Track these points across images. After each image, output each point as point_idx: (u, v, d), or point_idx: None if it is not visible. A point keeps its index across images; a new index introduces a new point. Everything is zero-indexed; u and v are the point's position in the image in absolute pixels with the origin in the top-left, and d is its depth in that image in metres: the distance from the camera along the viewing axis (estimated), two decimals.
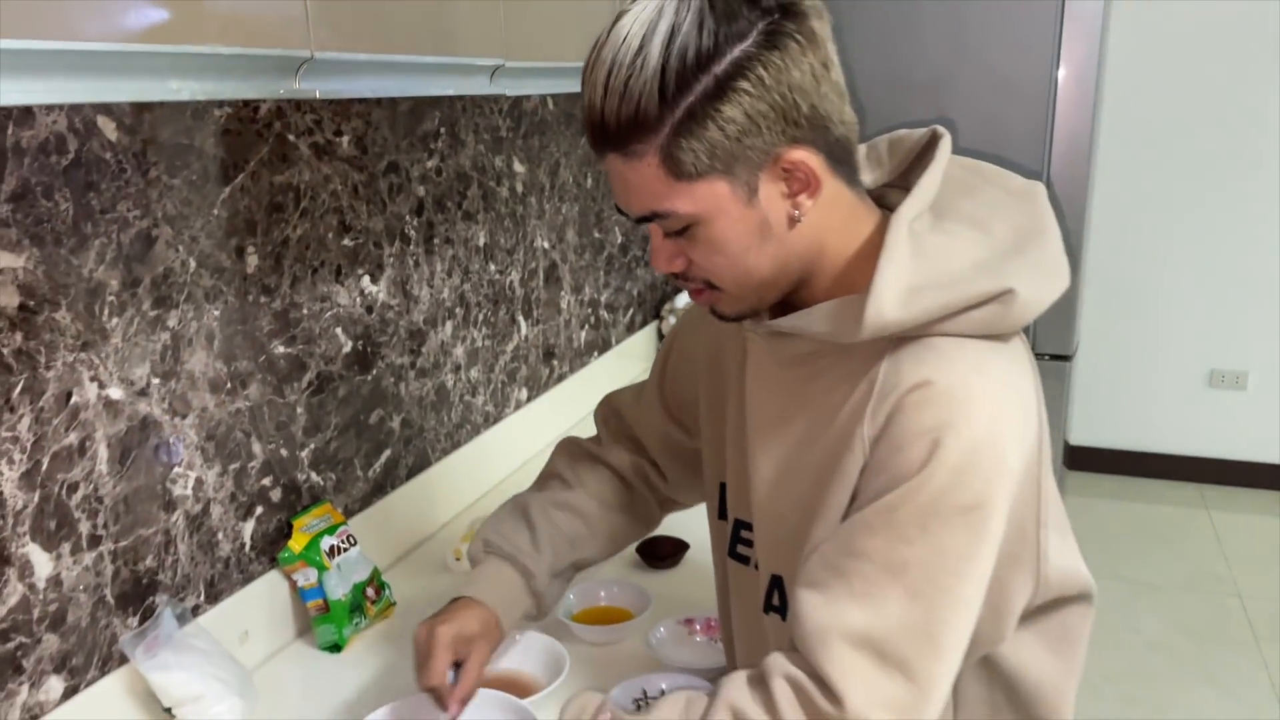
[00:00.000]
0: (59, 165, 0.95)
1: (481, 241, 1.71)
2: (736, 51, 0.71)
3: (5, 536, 0.93)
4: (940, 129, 0.88)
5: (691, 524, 1.36)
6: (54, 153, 0.95)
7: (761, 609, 0.91)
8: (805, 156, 0.75)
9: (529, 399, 1.91)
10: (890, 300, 0.76)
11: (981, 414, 0.75)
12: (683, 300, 2.48)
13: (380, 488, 1.48)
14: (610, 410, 1.16)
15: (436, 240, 1.58)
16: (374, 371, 1.45)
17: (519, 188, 1.82)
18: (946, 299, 0.76)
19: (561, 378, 2.04)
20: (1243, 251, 3.73)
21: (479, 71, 1.06)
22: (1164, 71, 3.66)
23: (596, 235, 2.17)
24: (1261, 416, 3.86)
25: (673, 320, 2.48)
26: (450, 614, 0.99)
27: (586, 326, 2.15)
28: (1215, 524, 3.63)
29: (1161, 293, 3.86)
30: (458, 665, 0.98)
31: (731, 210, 0.75)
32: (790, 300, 0.85)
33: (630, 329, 2.40)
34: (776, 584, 0.89)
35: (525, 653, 1.17)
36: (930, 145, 0.87)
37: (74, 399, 0.99)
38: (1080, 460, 4.07)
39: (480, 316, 1.72)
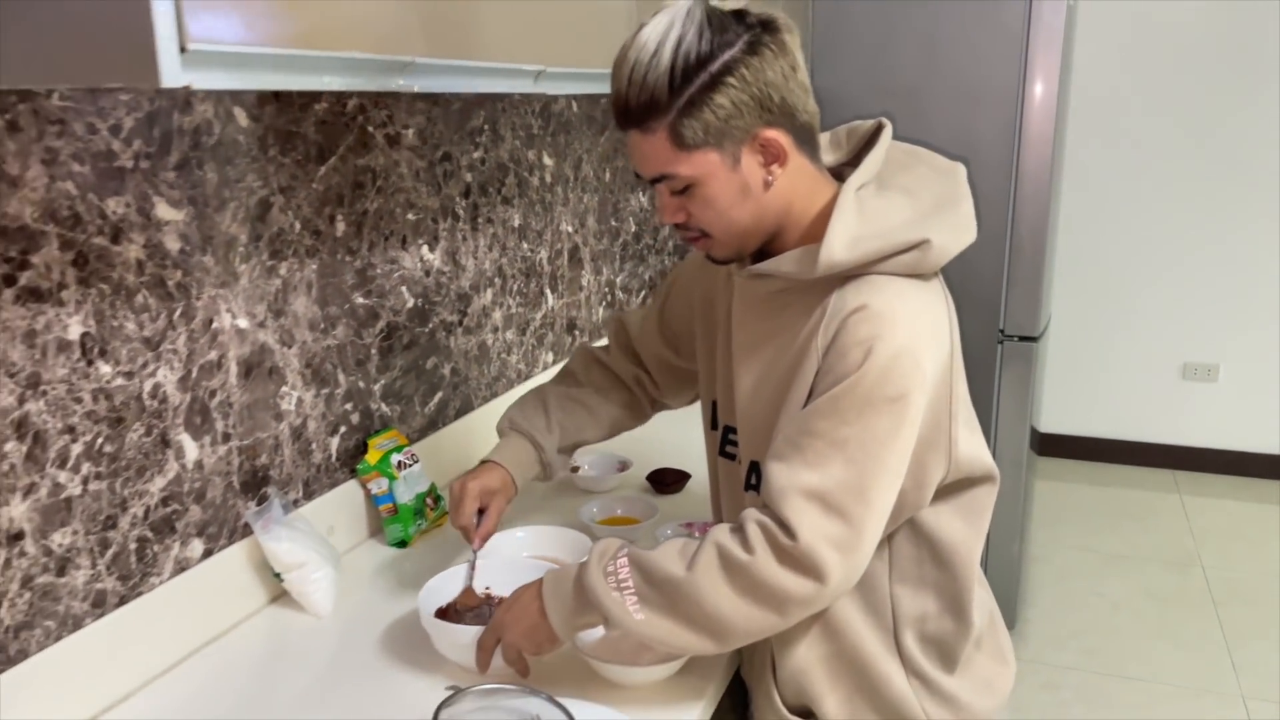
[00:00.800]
0: (207, 143, 1.24)
1: (516, 223, 2.00)
2: (726, 56, 0.98)
3: (167, 425, 1.22)
4: (884, 120, 1.16)
5: (692, 458, 1.64)
6: (204, 134, 1.24)
7: (743, 489, 1.19)
8: (776, 135, 1.03)
9: (554, 362, 2.20)
10: (839, 246, 1.03)
11: (902, 329, 1.02)
12: None
13: (433, 423, 1.77)
14: (619, 327, 1.45)
15: (480, 219, 1.87)
16: (430, 325, 1.74)
17: (548, 178, 2.11)
18: (880, 245, 1.04)
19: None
20: (1214, 249, 4.00)
21: (525, 75, 1.34)
22: (1133, 76, 3.95)
23: (613, 224, 2.45)
24: (1232, 407, 4.12)
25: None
26: (478, 472, 1.29)
27: (603, 304, 2.44)
28: (1185, 505, 3.89)
29: (1137, 290, 4.13)
30: (481, 511, 1.28)
31: (720, 174, 1.03)
32: (765, 250, 1.13)
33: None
34: (754, 468, 1.16)
35: (561, 543, 1.45)
36: (877, 132, 1.15)
37: (214, 324, 1.27)
38: (1053, 447, 4.34)
39: (515, 287, 2.01)
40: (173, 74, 0.76)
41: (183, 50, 0.77)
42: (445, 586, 1.27)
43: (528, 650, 1.11)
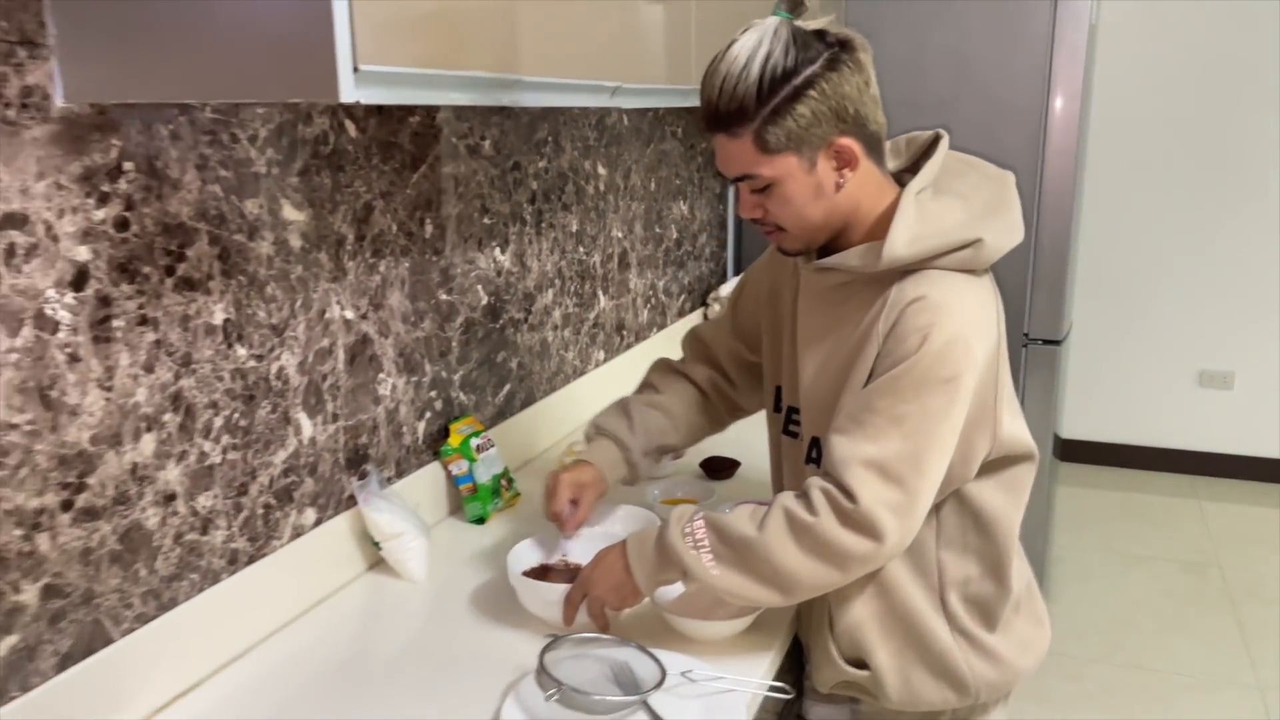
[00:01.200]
0: (324, 152, 1.39)
1: (574, 228, 2.14)
2: (809, 71, 1.11)
3: (288, 404, 1.36)
4: (942, 131, 1.29)
5: (743, 448, 1.77)
6: (321, 144, 1.38)
7: (804, 462, 1.31)
8: (850, 143, 1.16)
9: (605, 359, 2.33)
10: (900, 243, 1.16)
11: (956, 318, 1.15)
12: (725, 290, 2.90)
13: (502, 413, 1.91)
14: (694, 337, 1.58)
15: (543, 224, 2.01)
16: (500, 322, 1.88)
17: (601, 187, 2.25)
18: (937, 243, 1.17)
19: (629, 346, 2.46)
20: (1230, 260, 4.12)
21: (604, 91, 1.48)
22: (1151, 92, 4.07)
23: (657, 230, 2.59)
24: (1248, 414, 4.22)
25: (717, 307, 2.90)
26: (571, 468, 1.42)
27: (649, 307, 2.58)
28: (1204, 510, 3.99)
29: (1154, 298, 4.25)
30: (574, 503, 1.40)
31: (798, 176, 1.16)
32: (831, 247, 1.26)
33: (681, 313, 2.82)
34: (815, 443, 1.29)
35: (629, 520, 1.58)
36: (935, 142, 1.28)
37: (326, 315, 1.42)
38: (1075, 453, 4.45)
39: (572, 288, 2.15)
40: (349, 91, 0.91)
41: (355, 71, 0.91)
42: (531, 551, 1.41)
43: (612, 604, 1.24)
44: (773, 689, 1.21)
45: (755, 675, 1.22)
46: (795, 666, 1.48)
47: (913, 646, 1.27)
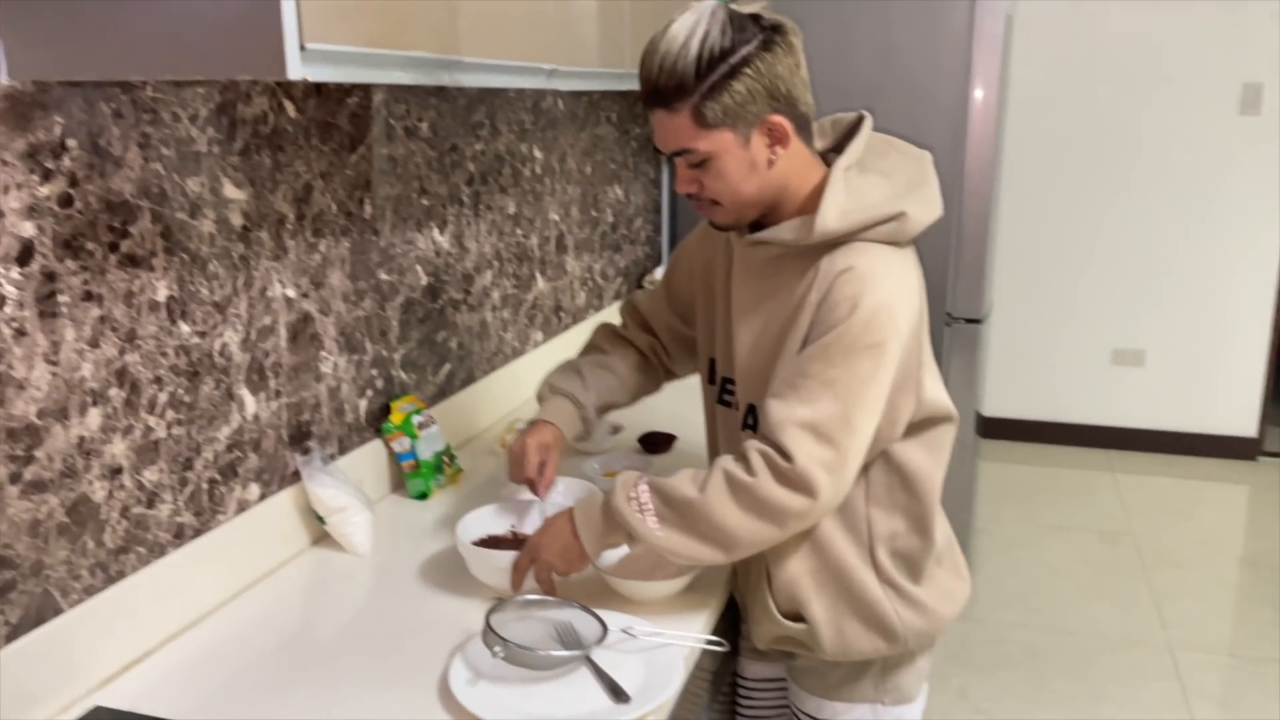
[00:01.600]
0: (264, 132, 1.40)
1: (511, 210, 2.17)
2: (744, 50, 1.16)
3: (232, 380, 1.37)
4: (865, 113, 1.36)
5: (680, 423, 1.83)
6: (261, 123, 1.40)
7: (740, 429, 1.37)
8: (781, 121, 1.22)
9: (543, 340, 2.37)
10: (831, 216, 1.22)
11: (883, 288, 1.22)
12: (661, 273, 2.96)
13: (443, 392, 1.94)
14: (630, 306, 1.63)
15: (481, 206, 2.04)
16: (440, 302, 1.90)
17: (538, 169, 2.28)
18: (864, 217, 1.23)
19: (567, 327, 2.50)
20: (1141, 243, 4.31)
21: (541, 73, 1.52)
22: (1066, 82, 4.24)
23: (593, 214, 2.64)
24: (1159, 390, 4.43)
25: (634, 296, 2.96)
26: (532, 430, 1.46)
27: (585, 289, 2.62)
28: (1118, 482, 4.18)
29: (1070, 280, 4.42)
30: (541, 465, 1.44)
31: (733, 151, 1.21)
32: (761, 223, 1.32)
33: (618, 295, 2.87)
34: (751, 410, 1.35)
35: (570, 492, 1.62)
36: (859, 123, 1.35)
37: (268, 293, 1.43)
38: (996, 430, 4.62)
39: (510, 270, 2.18)
40: (295, 68, 0.93)
41: (302, 49, 0.94)
42: (479, 522, 1.45)
43: (559, 569, 1.29)
44: (709, 643, 1.27)
45: (693, 631, 1.28)
46: (732, 628, 1.55)
47: (845, 599, 1.34)
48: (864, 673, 1.38)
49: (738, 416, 1.37)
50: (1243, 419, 4.37)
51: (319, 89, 1.51)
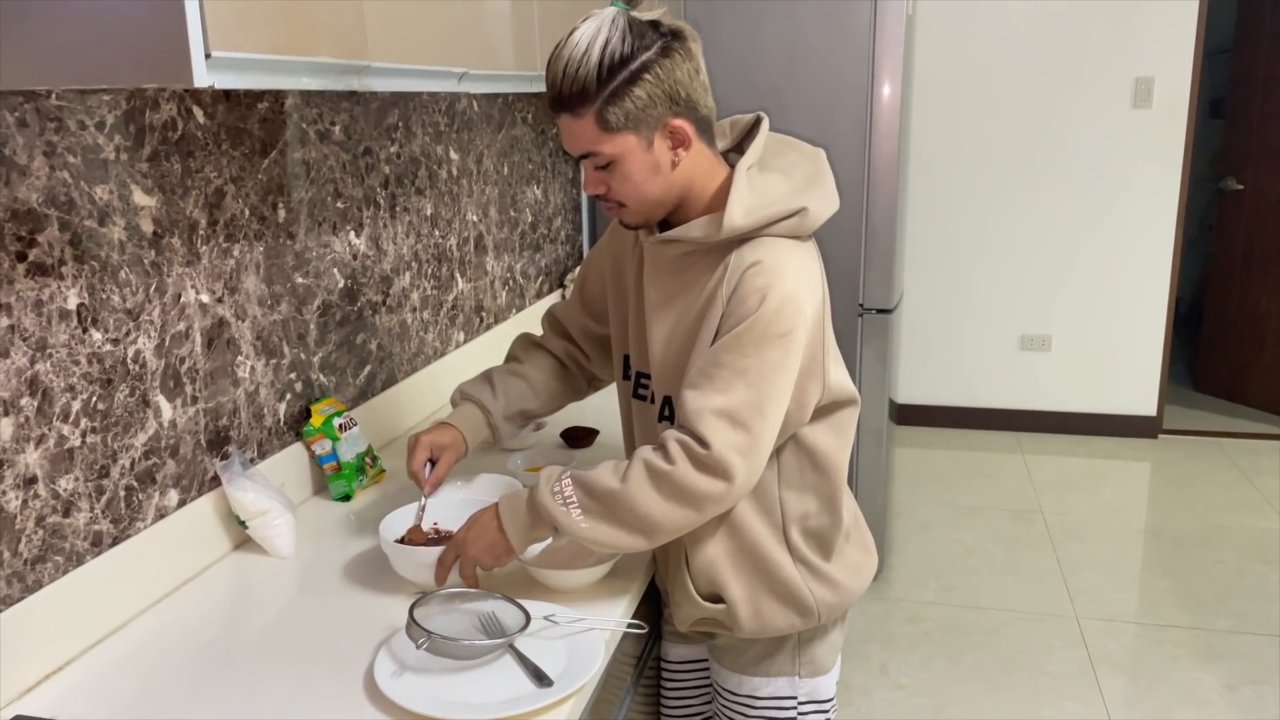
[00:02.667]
0: (173, 138, 1.40)
1: (429, 212, 2.19)
2: (644, 57, 1.21)
3: (147, 387, 1.37)
4: (762, 115, 1.42)
5: (601, 418, 1.87)
6: (170, 129, 1.40)
7: (656, 421, 1.42)
8: (682, 124, 1.26)
9: (465, 340, 2.39)
10: (738, 214, 1.27)
11: (789, 279, 1.27)
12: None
13: (364, 394, 1.95)
14: (550, 316, 1.67)
15: (398, 208, 2.05)
16: (358, 304, 1.91)
17: (454, 171, 2.30)
18: (769, 213, 1.29)
19: (489, 327, 2.53)
20: (1044, 233, 4.48)
21: (451, 76, 1.54)
22: (968, 77, 4.39)
23: (512, 214, 2.66)
24: (1064, 373, 4.61)
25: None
26: (432, 430, 1.50)
27: (507, 289, 2.64)
28: (1027, 463, 4.34)
29: (977, 269, 4.58)
30: (432, 463, 1.48)
31: (636, 154, 1.26)
32: (668, 221, 1.37)
33: (539, 295, 2.90)
34: (667, 402, 1.40)
35: (492, 488, 1.65)
36: (757, 124, 1.40)
37: (182, 299, 1.43)
38: (909, 416, 4.76)
39: (429, 270, 2.20)
40: (201, 76, 0.95)
41: (208, 57, 0.95)
42: (402, 519, 1.47)
43: (485, 563, 1.32)
44: (630, 626, 1.32)
45: (614, 616, 1.32)
46: (653, 613, 1.60)
47: (761, 579, 1.39)
48: (780, 647, 1.44)
49: (654, 410, 1.42)
50: (1143, 399, 4.57)
51: (228, 94, 1.51)
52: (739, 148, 1.40)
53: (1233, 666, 2.83)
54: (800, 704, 1.46)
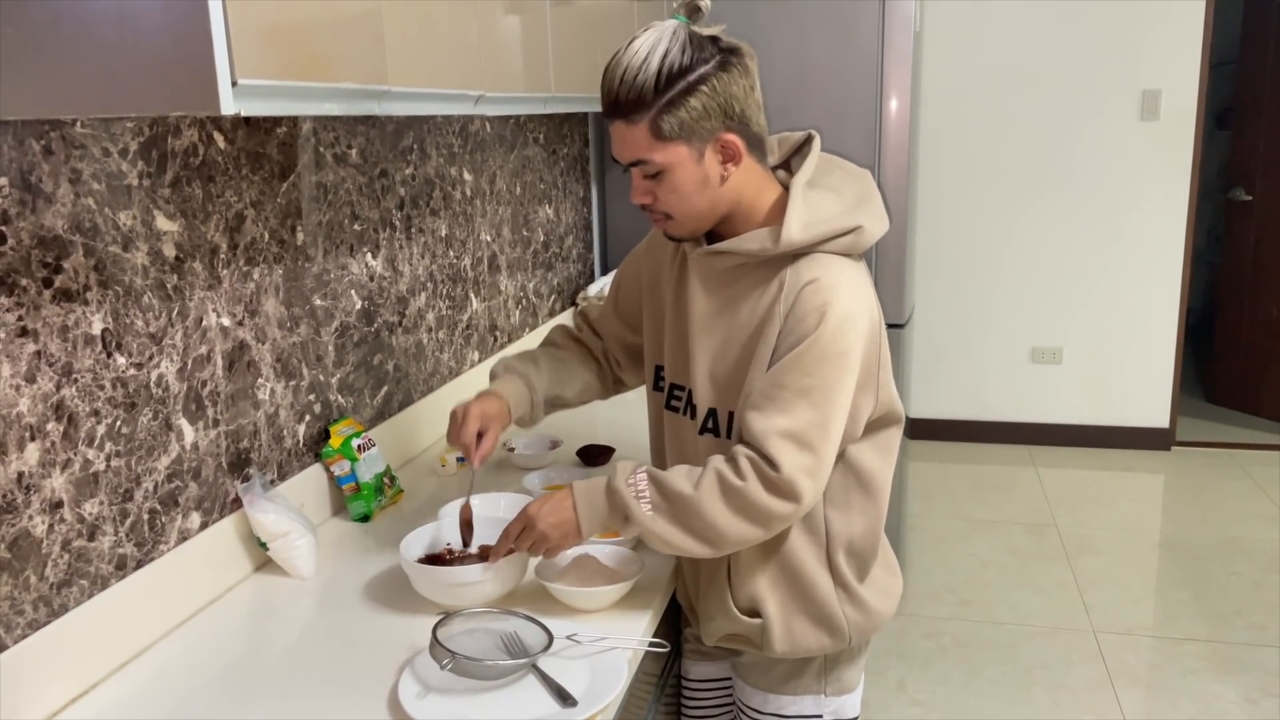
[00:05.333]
0: (194, 163, 1.42)
1: (443, 232, 2.20)
2: (702, 69, 1.22)
3: (170, 410, 1.38)
4: (814, 132, 1.42)
5: (616, 436, 1.87)
6: (191, 155, 1.41)
7: (698, 434, 1.40)
8: (734, 139, 1.27)
9: (480, 360, 2.40)
10: (796, 229, 1.28)
11: (845, 298, 1.27)
12: (594, 289, 3.01)
13: (381, 414, 1.96)
14: (582, 316, 1.68)
15: (413, 229, 2.06)
16: (375, 325, 1.93)
17: (468, 192, 2.32)
18: (824, 230, 1.29)
19: (503, 346, 2.54)
20: (1054, 245, 4.49)
21: (468, 99, 1.56)
22: (977, 94, 4.40)
23: (525, 234, 2.68)
24: (1075, 385, 4.61)
25: (585, 305, 3.00)
26: (479, 398, 1.48)
27: (520, 308, 2.66)
28: (1040, 476, 4.33)
29: (987, 283, 4.58)
30: (480, 435, 1.46)
31: (687, 165, 1.26)
32: (714, 235, 1.37)
33: (552, 313, 2.91)
34: (711, 415, 1.39)
35: (513, 506, 1.65)
36: (807, 141, 1.41)
37: (204, 322, 1.45)
38: (923, 431, 4.75)
39: (444, 291, 2.21)
40: (228, 103, 0.96)
41: (234, 84, 0.97)
42: (423, 539, 1.47)
43: (551, 540, 1.32)
44: (652, 645, 1.32)
45: (636, 635, 1.32)
46: (673, 630, 1.60)
47: (797, 598, 1.39)
48: (807, 667, 1.44)
49: (691, 423, 1.41)
50: (1156, 411, 4.56)
51: (248, 120, 1.53)
52: (786, 165, 1.41)
53: (1251, 679, 2.81)
54: None
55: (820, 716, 1.45)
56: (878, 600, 1.44)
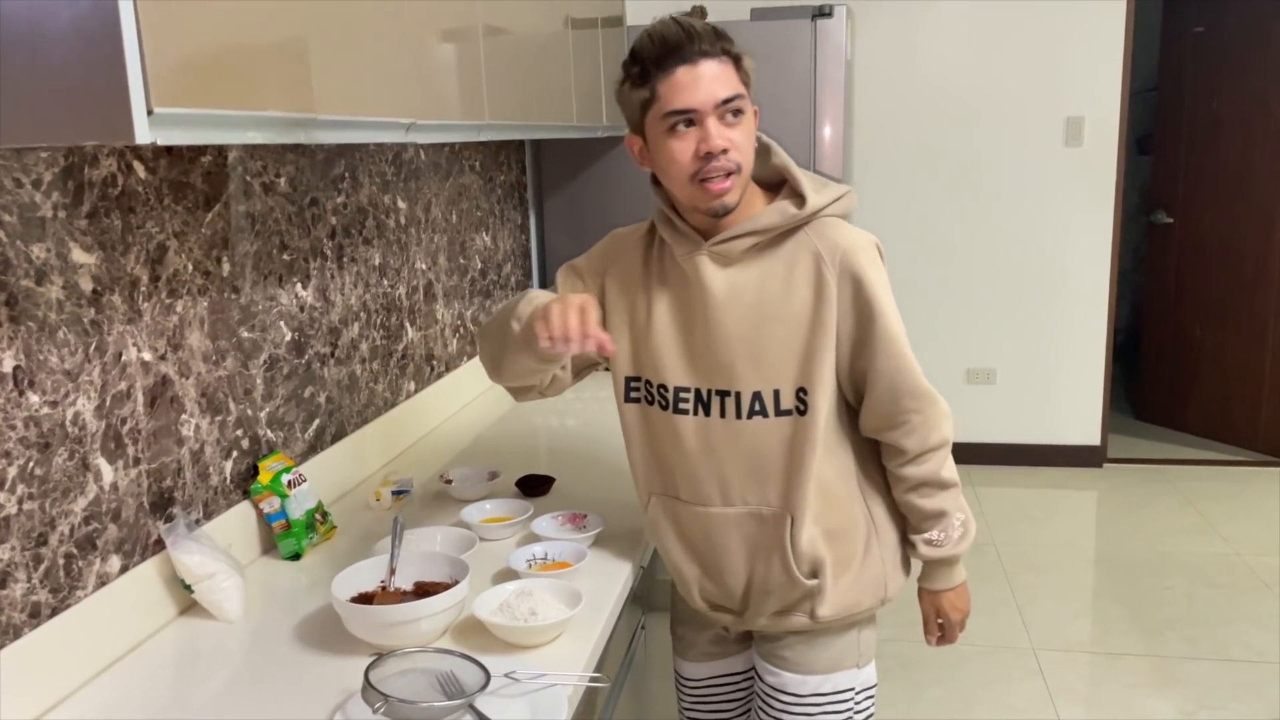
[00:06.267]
0: (113, 194, 1.37)
1: (377, 261, 2.16)
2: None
3: (87, 450, 1.33)
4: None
5: (556, 466, 1.85)
6: (110, 185, 1.37)
7: (742, 416, 1.38)
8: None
9: (416, 390, 2.36)
10: (812, 193, 1.35)
11: (874, 252, 1.37)
12: None
13: (313, 448, 1.91)
14: None
15: (345, 259, 2.03)
16: (306, 357, 1.88)
17: (402, 220, 2.29)
18: (831, 193, 1.37)
19: (440, 375, 2.50)
20: (986, 270, 4.57)
21: (399, 127, 1.53)
22: (908, 119, 4.49)
23: (462, 261, 2.65)
24: (1009, 406, 4.69)
25: None
26: (560, 297, 1.32)
27: (458, 336, 2.62)
28: (978, 495, 4.39)
29: (922, 305, 4.65)
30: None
31: (750, 117, 1.32)
32: (716, 230, 1.36)
33: None
34: (757, 397, 1.38)
35: (450, 541, 1.62)
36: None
37: (124, 357, 1.40)
38: None
39: (378, 320, 2.17)
40: (143, 133, 0.93)
41: (150, 113, 0.94)
42: (357, 578, 1.43)
43: (965, 613, 1.60)
44: (592, 679, 1.29)
45: (575, 670, 1.29)
46: (622, 658, 1.57)
47: (846, 558, 1.45)
48: (843, 638, 1.49)
49: (731, 408, 1.39)
50: (1087, 429, 4.66)
51: (170, 149, 1.49)
52: None
53: (1188, 691, 2.87)
54: (856, 694, 1.51)
55: (853, 689, 1.51)
56: (903, 562, 1.52)
